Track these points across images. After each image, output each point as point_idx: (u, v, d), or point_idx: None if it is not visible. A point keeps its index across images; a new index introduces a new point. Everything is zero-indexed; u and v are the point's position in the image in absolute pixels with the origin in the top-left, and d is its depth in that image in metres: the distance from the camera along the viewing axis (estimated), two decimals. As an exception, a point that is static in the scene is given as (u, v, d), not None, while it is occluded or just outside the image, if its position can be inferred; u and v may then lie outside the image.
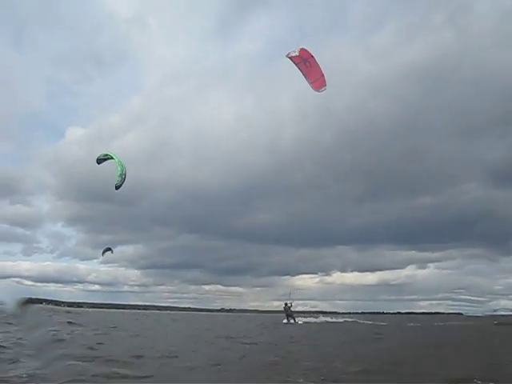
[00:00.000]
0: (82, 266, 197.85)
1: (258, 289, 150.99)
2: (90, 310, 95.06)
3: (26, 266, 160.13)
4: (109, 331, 17.20)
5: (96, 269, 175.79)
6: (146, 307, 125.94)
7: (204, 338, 15.62)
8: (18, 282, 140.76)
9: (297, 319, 32.68)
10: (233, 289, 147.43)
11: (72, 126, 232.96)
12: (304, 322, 32.56)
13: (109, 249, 26.41)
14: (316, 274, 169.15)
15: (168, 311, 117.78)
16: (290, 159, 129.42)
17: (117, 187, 16.89)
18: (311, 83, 12.79)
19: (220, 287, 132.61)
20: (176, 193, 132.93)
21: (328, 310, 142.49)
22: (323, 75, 12.74)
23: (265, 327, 25.62)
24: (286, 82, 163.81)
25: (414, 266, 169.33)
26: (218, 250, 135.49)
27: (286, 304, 32.27)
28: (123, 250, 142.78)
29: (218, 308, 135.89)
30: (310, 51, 12.72)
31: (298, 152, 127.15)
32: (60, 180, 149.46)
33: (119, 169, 17.03)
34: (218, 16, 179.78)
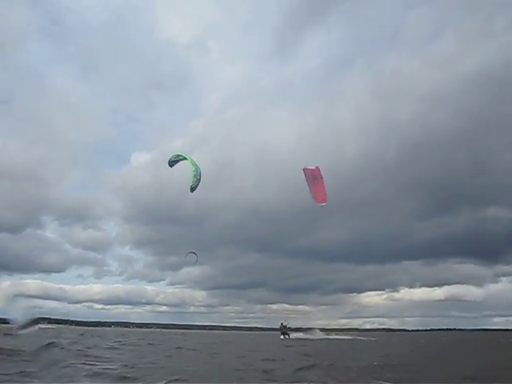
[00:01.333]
0: (149, 288, 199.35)
1: (325, 307, 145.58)
2: (158, 330, 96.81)
3: (97, 288, 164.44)
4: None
5: (163, 290, 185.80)
6: (212, 327, 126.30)
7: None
8: (89, 307, 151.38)
9: (291, 335, 41.20)
10: (299, 307, 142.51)
11: (137, 151, 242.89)
12: (297, 338, 40.38)
13: (193, 252, 26.62)
14: (383, 290, 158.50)
15: (234, 331, 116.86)
16: (353, 175, 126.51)
17: (192, 189, 16.03)
18: (314, 196, 15.77)
19: (286, 306, 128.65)
20: (240, 213, 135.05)
21: (396, 328, 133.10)
22: (326, 194, 15.80)
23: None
24: (345, 98, 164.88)
25: (484, 280, 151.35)
26: (282, 269, 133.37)
27: (281, 324, 41.09)
28: (189, 272, 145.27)
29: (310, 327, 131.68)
30: (322, 173, 15.73)
31: (361, 167, 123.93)
32: (127, 204, 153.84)
33: (193, 169, 16.12)
34: (275, 36, 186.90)
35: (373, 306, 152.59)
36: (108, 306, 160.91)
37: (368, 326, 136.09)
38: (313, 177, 15.75)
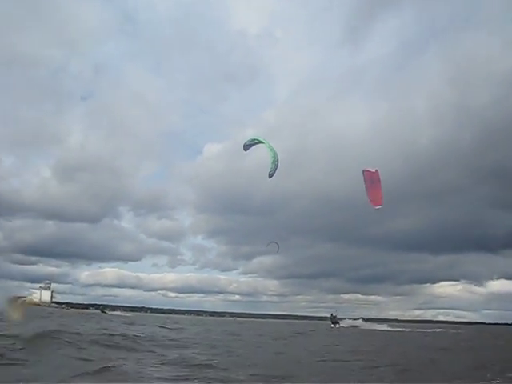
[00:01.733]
0: (222, 277, 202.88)
1: (398, 297, 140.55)
2: (232, 318, 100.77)
3: (171, 277, 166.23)
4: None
5: (236, 279, 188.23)
6: (284, 316, 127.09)
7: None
8: (163, 295, 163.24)
9: (341, 323, 49.78)
10: (372, 297, 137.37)
11: (209, 142, 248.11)
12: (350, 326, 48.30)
13: (275, 242, 26.23)
14: (458, 281, 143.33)
15: (306, 320, 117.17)
16: (427, 163, 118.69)
17: (270, 175, 15.42)
18: (371, 199, 15.80)
19: (359, 296, 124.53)
20: (311, 202, 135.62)
21: (473, 320, 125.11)
22: (382, 197, 15.85)
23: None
24: (419, 84, 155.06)
25: None
26: (355, 259, 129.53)
27: (331, 314, 52.10)
28: (262, 261, 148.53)
29: (357, 317, 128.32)
30: (380, 176, 15.84)
31: (435, 155, 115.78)
32: (200, 194, 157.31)
33: (271, 154, 15.45)
34: (346, 22, 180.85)
35: (447, 296, 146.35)
36: (182, 295, 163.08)
37: (442, 318, 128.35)
38: (371, 180, 15.77)
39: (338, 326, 47.06)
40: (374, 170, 15.92)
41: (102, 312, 74.64)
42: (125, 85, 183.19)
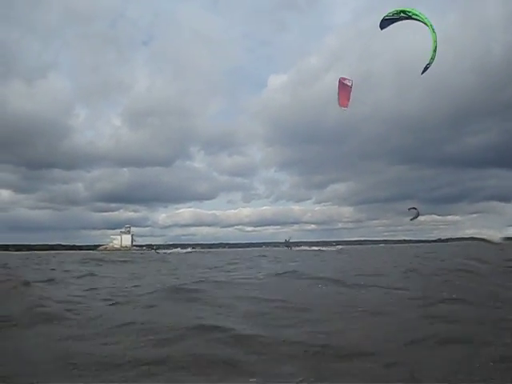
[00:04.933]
0: (296, 208, 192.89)
1: (475, 215, 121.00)
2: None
3: (246, 212, 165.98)
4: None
5: (310, 209, 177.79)
6: (361, 242, 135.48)
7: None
8: (240, 230, 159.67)
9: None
10: (448, 218, 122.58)
11: (273, 74, 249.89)
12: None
13: (414, 208, 25.60)
14: None
15: (383, 244, 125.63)
16: (502, 74, 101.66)
17: (426, 68, 11.22)
18: (340, 101, 14.42)
19: (435, 217, 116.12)
20: (382, 125, 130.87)
21: None
22: (349, 100, 14.47)
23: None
24: None
25: None
26: (430, 179, 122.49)
27: (286, 240, 70.61)
28: (335, 189, 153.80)
29: (435, 238, 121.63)
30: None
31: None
32: (268, 127, 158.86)
33: (433, 37, 10.82)
34: None
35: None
36: (258, 228, 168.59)
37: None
38: (342, 84, 14.39)
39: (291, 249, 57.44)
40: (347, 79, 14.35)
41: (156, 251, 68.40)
42: (184, 25, 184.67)
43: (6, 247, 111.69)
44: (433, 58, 11.35)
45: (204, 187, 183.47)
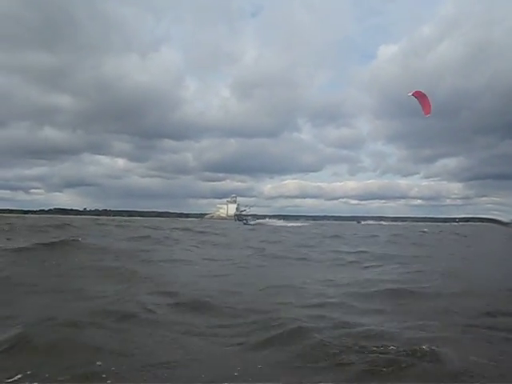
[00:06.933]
0: (403, 182, 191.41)
1: None
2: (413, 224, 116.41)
3: (351, 185, 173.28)
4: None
5: (417, 184, 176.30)
6: (467, 219, 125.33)
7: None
8: (344, 202, 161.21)
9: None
10: None
11: (383, 44, 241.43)
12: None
13: None
14: None
15: (490, 223, 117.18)
16: None
17: None
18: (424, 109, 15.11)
19: None
20: (498, 98, 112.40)
21: None
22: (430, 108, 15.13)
23: None
24: None
25: None
26: None
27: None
28: (445, 164, 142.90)
29: None
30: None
31: None
32: (377, 100, 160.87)
33: None
34: None
35: None
36: (363, 202, 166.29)
37: None
38: (420, 96, 15.03)
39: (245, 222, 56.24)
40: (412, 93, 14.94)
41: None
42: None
43: (119, 213, 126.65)
44: None
45: (310, 159, 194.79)
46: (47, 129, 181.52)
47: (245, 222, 62.21)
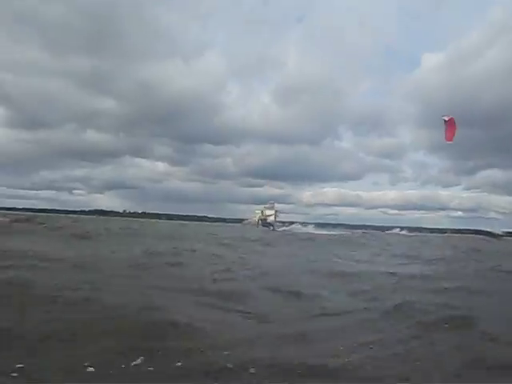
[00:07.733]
0: (444, 193, 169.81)
1: None
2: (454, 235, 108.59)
3: (391, 194, 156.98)
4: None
5: (458, 195, 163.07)
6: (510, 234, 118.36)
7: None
8: (383, 212, 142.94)
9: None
10: None
11: (427, 52, 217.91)
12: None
13: None
14: None
15: None
16: None
17: None
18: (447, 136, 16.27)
19: None
20: None
21: None
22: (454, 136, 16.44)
23: None
24: None
25: None
26: None
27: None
28: (488, 175, 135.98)
29: None
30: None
31: None
32: (420, 109, 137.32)
33: None
34: None
35: None
36: (403, 212, 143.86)
37: None
38: (449, 123, 16.18)
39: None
40: (448, 118, 16.10)
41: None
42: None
43: (158, 216, 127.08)
44: None
45: (350, 167, 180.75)
46: (90, 131, 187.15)
47: (272, 228, 60.52)
